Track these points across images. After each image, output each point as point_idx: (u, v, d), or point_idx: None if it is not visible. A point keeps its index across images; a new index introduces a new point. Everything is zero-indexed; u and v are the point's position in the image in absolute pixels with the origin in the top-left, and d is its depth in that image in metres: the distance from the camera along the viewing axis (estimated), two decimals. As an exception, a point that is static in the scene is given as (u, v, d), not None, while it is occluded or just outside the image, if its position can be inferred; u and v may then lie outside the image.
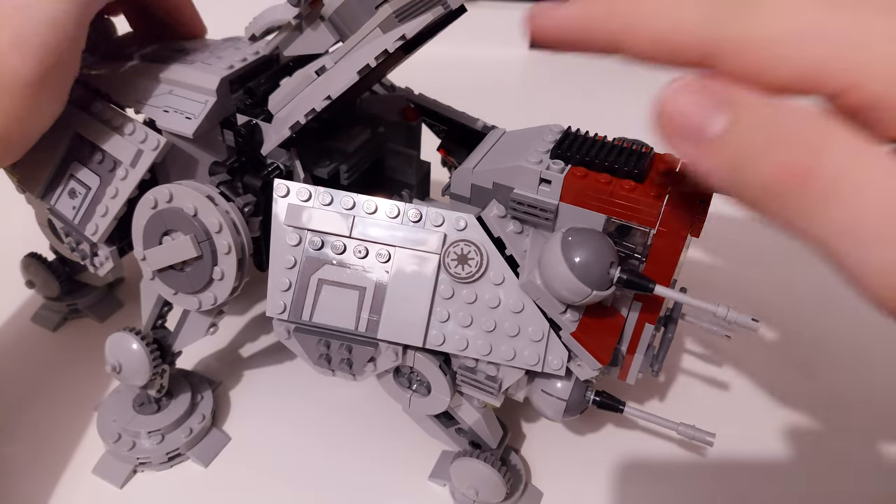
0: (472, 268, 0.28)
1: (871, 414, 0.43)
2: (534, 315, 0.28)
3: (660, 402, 0.42)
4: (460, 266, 0.28)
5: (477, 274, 0.28)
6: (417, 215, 0.28)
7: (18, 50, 0.27)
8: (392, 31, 0.28)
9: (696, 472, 0.39)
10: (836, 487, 0.38)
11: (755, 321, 0.25)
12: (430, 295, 0.29)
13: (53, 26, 0.28)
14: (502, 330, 0.29)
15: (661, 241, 0.27)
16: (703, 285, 0.51)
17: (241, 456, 0.38)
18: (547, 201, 0.28)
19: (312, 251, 0.29)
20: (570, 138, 0.29)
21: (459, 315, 0.29)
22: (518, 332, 0.29)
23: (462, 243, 0.28)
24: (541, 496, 0.37)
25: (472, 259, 0.28)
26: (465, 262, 0.28)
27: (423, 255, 0.28)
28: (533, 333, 0.29)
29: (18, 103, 0.28)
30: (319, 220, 0.29)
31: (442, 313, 0.29)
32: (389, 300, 0.29)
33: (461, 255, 0.28)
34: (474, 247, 0.28)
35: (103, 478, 0.36)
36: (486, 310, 0.29)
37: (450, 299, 0.29)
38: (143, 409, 0.37)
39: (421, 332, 0.29)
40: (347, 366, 0.31)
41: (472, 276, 0.28)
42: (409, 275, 0.29)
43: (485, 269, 0.28)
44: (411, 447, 0.38)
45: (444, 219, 0.28)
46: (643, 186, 0.27)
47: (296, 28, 0.31)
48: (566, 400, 0.30)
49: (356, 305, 0.29)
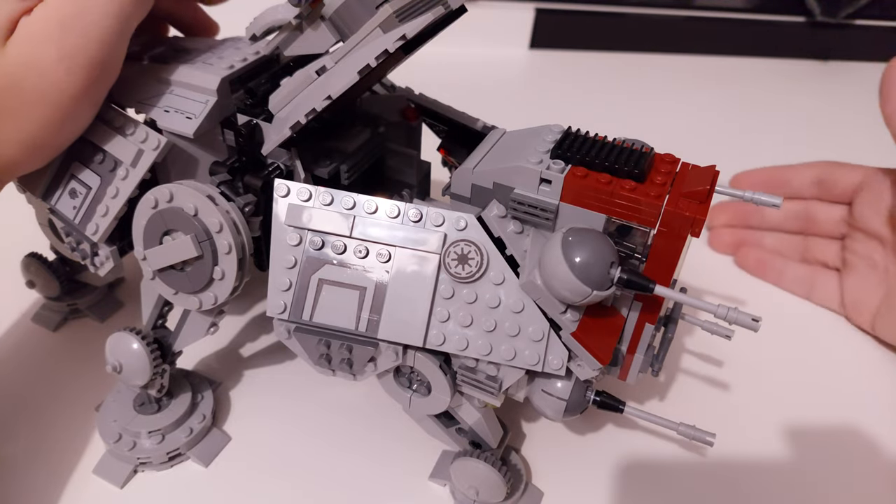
0: (473, 268, 0.28)
1: (872, 413, 0.43)
2: (534, 315, 0.28)
3: (660, 403, 0.42)
4: (460, 266, 0.28)
5: (477, 274, 0.28)
6: (418, 215, 0.28)
7: (66, 66, 0.28)
8: (392, 30, 0.28)
9: (696, 472, 0.39)
10: (837, 487, 0.38)
11: (755, 321, 0.25)
12: (431, 295, 0.29)
13: (100, 42, 0.28)
14: (502, 330, 0.29)
15: (662, 241, 0.27)
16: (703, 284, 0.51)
17: (241, 456, 0.38)
18: (547, 201, 0.28)
19: (313, 251, 0.29)
20: (571, 138, 0.29)
21: (460, 315, 0.29)
22: (518, 331, 0.29)
23: (462, 243, 0.28)
24: (541, 496, 0.37)
25: (472, 259, 0.28)
26: (466, 261, 0.28)
27: (423, 255, 0.28)
28: (533, 333, 0.28)
29: (60, 114, 0.29)
30: (320, 220, 0.29)
31: (442, 313, 0.29)
32: (390, 300, 0.29)
33: (461, 254, 0.28)
34: (474, 247, 0.28)
35: (104, 478, 0.36)
36: (486, 310, 0.29)
37: (450, 299, 0.29)
38: (144, 409, 0.37)
39: (421, 332, 0.29)
40: (348, 366, 0.31)
41: (472, 276, 0.28)
42: (409, 275, 0.29)
43: (485, 269, 0.28)
44: (411, 447, 0.38)
45: (444, 219, 0.28)
46: (643, 186, 0.27)
47: (296, 28, 0.31)
48: (566, 400, 0.30)
49: (356, 305, 0.29)
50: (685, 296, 0.27)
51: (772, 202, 0.28)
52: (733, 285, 0.51)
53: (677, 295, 0.27)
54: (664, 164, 0.28)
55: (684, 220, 0.26)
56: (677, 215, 0.26)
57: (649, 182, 0.27)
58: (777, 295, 0.52)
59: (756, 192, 0.28)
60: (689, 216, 0.26)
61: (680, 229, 0.26)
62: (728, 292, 0.50)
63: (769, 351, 0.45)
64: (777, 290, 0.52)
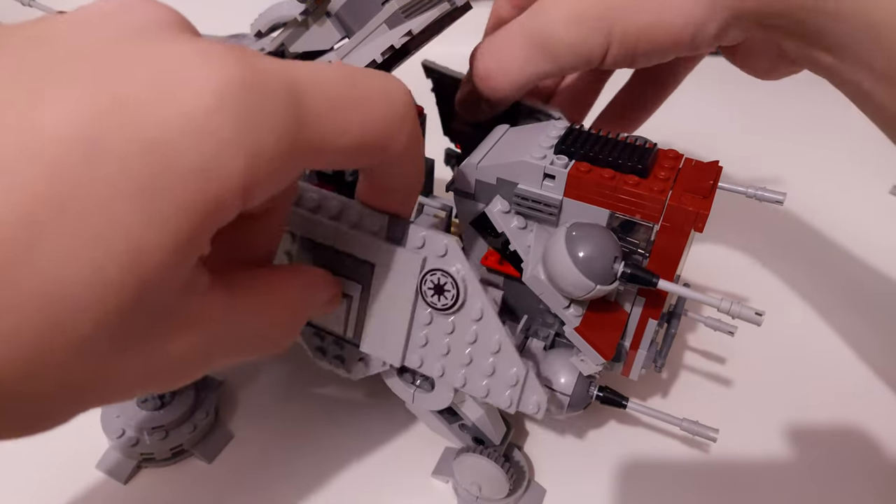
0: (449, 300, 0.26)
1: (873, 412, 0.43)
2: (511, 357, 0.27)
3: (662, 399, 0.43)
4: (436, 296, 0.26)
5: (454, 307, 0.26)
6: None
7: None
8: (398, 27, 0.29)
9: (699, 468, 0.39)
10: (839, 485, 0.39)
11: (759, 315, 0.25)
12: (409, 319, 0.27)
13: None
14: (478, 366, 0.27)
15: (665, 236, 0.27)
16: (706, 280, 0.51)
17: (244, 452, 0.38)
18: (551, 196, 0.28)
19: (304, 254, 0.29)
20: (574, 134, 0.29)
21: (437, 343, 0.27)
22: (494, 371, 0.27)
23: (439, 273, 0.26)
24: (544, 493, 0.37)
25: (448, 291, 0.26)
26: (442, 293, 0.26)
27: (402, 276, 0.27)
28: (509, 377, 0.27)
29: None
30: (304, 226, 0.28)
31: (420, 338, 0.28)
32: (371, 315, 0.28)
33: (437, 285, 0.26)
34: (451, 279, 0.26)
35: (107, 473, 0.36)
36: (463, 343, 0.27)
37: (428, 325, 0.27)
38: (147, 406, 0.37)
39: (399, 352, 0.28)
40: (340, 361, 0.31)
41: (448, 308, 0.26)
42: (388, 294, 0.27)
43: (462, 303, 0.26)
44: (414, 444, 0.38)
45: (424, 241, 0.26)
46: (647, 182, 0.27)
47: (301, 24, 0.31)
48: (569, 395, 0.31)
49: (345, 310, 0.28)
50: (688, 290, 0.27)
51: (775, 198, 0.28)
52: (735, 283, 0.51)
53: (680, 289, 0.27)
54: (667, 159, 0.28)
55: (687, 215, 0.26)
56: (681, 210, 0.26)
57: (653, 177, 0.27)
58: (779, 293, 0.52)
59: (759, 188, 0.28)
60: (692, 211, 0.26)
61: (683, 224, 0.27)
62: (730, 289, 0.50)
63: (772, 348, 0.46)
64: (779, 289, 0.52)
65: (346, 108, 0.19)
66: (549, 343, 0.33)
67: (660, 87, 0.39)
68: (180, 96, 0.15)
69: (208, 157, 0.16)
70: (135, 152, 0.15)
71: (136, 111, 0.15)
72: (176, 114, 0.15)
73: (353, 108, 0.19)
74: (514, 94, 0.31)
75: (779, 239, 0.56)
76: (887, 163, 0.53)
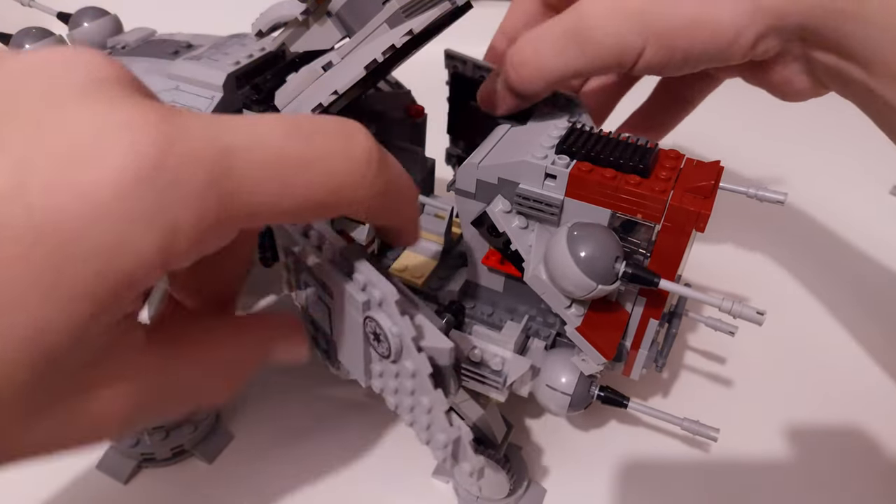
0: (385, 351, 0.24)
1: (873, 412, 0.43)
2: (440, 422, 0.25)
3: (663, 398, 0.43)
4: (376, 342, 0.25)
5: (391, 357, 0.24)
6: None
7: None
8: (399, 26, 0.28)
9: (700, 467, 0.39)
10: (840, 485, 0.39)
11: (760, 314, 0.25)
12: (364, 350, 0.26)
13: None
14: (418, 417, 0.26)
15: (666, 236, 0.27)
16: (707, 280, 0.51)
17: (244, 453, 0.38)
18: (552, 196, 0.28)
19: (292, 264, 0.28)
20: (575, 134, 0.29)
21: (388, 379, 0.26)
22: (429, 426, 0.26)
23: (374, 323, 0.24)
24: (544, 493, 0.37)
25: (383, 343, 0.24)
26: (379, 341, 0.24)
27: (353, 311, 0.25)
28: (438, 440, 0.26)
29: None
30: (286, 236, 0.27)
31: (376, 369, 0.26)
32: (338, 332, 0.27)
33: (374, 332, 0.24)
34: (384, 332, 0.24)
35: (108, 473, 0.36)
36: (406, 390, 0.26)
37: (380, 362, 0.26)
38: (148, 405, 0.37)
39: (363, 375, 0.27)
40: (327, 357, 0.31)
41: (386, 357, 0.25)
42: (347, 321, 0.26)
43: (398, 356, 0.24)
44: (414, 444, 0.38)
45: (365, 283, 0.24)
46: (648, 181, 0.27)
47: (302, 24, 0.31)
48: (571, 395, 0.30)
49: (327, 317, 0.27)
50: (690, 290, 0.27)
51: (776, 198, 0.28)
52: (736, 283, 0.51)
53: (682, 289, 0.27)
54: (668, 159, 0.28)
55: (689, 215, 0.26)
56: (682, 210, 0.26)
57: (654, 177, 0.27)
58: (779, 293, 0.52)
59: (760, 188, 0.28)
60: (693, 211, 0.26)
61: (684, 224, 0.27)
62: (731, 289, 0.50)
63: (772, 348, 0.45)
64: (780, 289, 0.52)
65: (290, 170, 0.18)
66: (550, 343, 0.33)
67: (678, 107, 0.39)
68: (83, 178, 0.15)
69: (113, 236, 0.15)
70: (31, 237, 0.15)
71: (36, 194, 0.15)
72: (74, 198, 0.15)
73: (300, 168, 0.18)
74: (543, 88, 0.31)
75: (779, 239, 0.56)
76: (888, 163, 0.53)
